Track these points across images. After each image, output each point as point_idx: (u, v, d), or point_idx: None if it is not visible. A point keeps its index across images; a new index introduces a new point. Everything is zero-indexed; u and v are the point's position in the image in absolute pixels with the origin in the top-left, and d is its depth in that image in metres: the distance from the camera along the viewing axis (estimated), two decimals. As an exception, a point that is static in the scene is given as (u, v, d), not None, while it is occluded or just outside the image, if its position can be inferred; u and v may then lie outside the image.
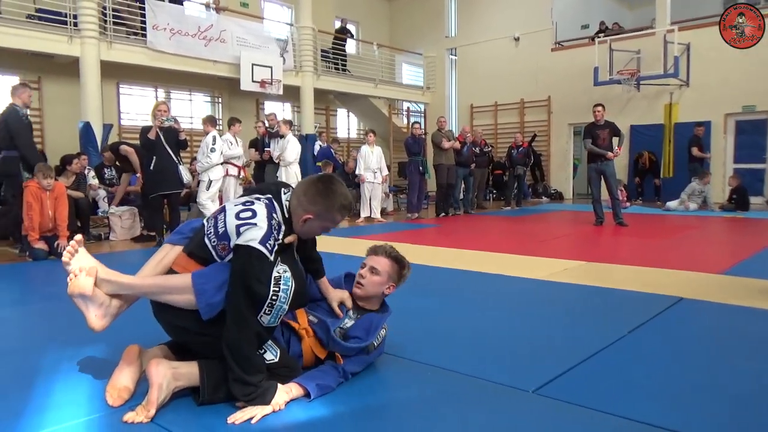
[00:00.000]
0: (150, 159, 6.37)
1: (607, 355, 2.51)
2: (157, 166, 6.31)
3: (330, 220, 2.12)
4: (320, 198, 2.05)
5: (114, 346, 2.68)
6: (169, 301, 2.00)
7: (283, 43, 12.25)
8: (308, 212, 2.05)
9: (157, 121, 6.32)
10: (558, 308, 3.44)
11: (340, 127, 16.44)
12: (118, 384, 2.03)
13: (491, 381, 2.19)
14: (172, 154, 6.43)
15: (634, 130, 13.21)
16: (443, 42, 16.55)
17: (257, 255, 1.88)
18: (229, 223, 1.98)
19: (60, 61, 10.11)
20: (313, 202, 2.05)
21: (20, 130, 5.61)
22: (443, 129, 10.06)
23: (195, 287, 1.94)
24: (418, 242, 6.43)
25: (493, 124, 15.42)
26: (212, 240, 2.02)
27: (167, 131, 6.40)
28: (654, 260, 5.04)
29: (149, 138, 6.27)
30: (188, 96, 13.07)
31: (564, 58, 14.22)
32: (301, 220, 2.06)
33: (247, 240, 1.89)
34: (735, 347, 2.66)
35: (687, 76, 12.31)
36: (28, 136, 5.82)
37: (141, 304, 2.24)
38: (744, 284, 4.01)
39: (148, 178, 6.44)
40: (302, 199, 2.06)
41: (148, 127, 6.39)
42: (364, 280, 2.33)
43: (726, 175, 12.00)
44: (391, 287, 2.35)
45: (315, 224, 2.10)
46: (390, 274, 2.34)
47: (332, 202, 2.07)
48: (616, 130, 8.01)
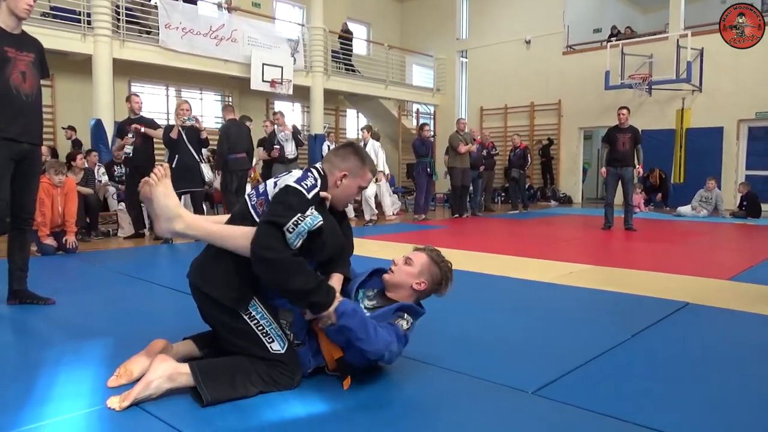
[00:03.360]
0: (173, 157, 6.56)
1: (609, 358, 2.50)
2: (180, 164, 6.49)
3: (362, 177, 2.23)
4: (352, 156, 2.21)
5: (117, 339, 2.71)
6: (231, 246, 2.06)
7: (293, 43, 12.29)
8: (342, 170, 2.18)
9: (179, 120, 6.51)
10: (562, 311, 3.42)
11: (349, 128, 16.48)
12: (127, 366, 2.12)
13: (491, 381, 2.19)
14: (193, 152, 6.62)
15: (645, 134, 12.99)
16: (454, 44, 16.54)
17: (293, 191, 2.01)
18: (269, 185, 2.16)
19: (73, 59, 10.21)
20: (345, 160, 2.20)
21: None
22: (462, 132, 10.01)
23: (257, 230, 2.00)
24: (424, 243, 6.41)
25: (503, 126, 15.39)
26: (252, 199, 2.17)
27: (189, 130, 6.57)
28: (661, 265, 5.01)
29: (171, 137, 6.46)
30: (199, 95, 13.15)
31: (575, 61, 14.17)
32: (337, 179, 2.18)
33: (286, 181, 2.05)
34: (738, 353, 2.63)
35: (700, 81, 12.23)
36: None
37: (142, 301, 2.25)
38: (751, 290, 3.97)
39: (171, 175, 6.54)
40: (335, 161, 2.21)
41: (171, 126, 6.57)
42: (395, 267, 2.28)
43: (738, 181, 11.89)
44: (423, 284, 2.23)
45: (350, 182, 2.20)
46: (423, 269, 2.26)
47: (362, 158, 2.23)
48: (638, 136, 7.85)
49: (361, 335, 1.94)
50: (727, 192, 11.67)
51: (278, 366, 2.04)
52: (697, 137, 12.46)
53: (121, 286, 4.05)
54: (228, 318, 2.06)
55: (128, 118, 6.83)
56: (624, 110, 7.91)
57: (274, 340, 2.05)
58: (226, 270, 2.07)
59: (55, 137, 10.83)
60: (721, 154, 12.21)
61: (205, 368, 2.00)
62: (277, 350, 2.04)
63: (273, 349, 2.04)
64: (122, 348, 2.57)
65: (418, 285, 2.24)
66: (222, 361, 2.07)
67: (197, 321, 2.35)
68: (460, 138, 9.79)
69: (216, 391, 1.94)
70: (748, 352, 2.65)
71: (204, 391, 1.92)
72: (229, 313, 2.05)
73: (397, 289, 2.25)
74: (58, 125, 10.90)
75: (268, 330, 2.05)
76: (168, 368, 1.97)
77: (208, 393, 1.92)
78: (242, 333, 2.05)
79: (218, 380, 1.96)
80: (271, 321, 2.07)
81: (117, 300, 3.65)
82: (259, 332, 2.04)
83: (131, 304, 3.54)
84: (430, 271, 2.27)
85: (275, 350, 2.04)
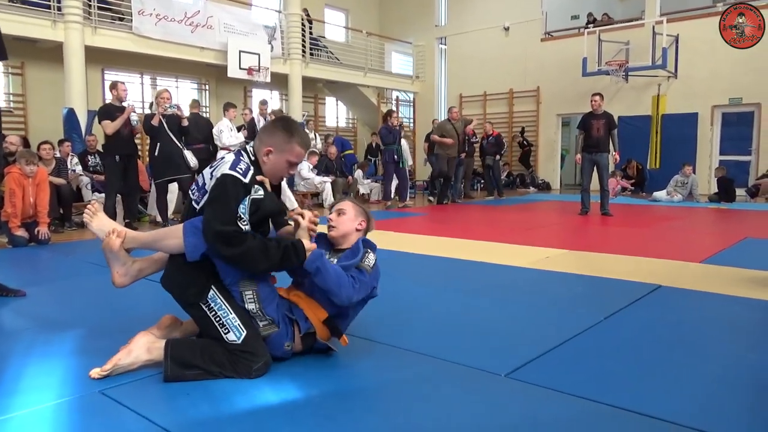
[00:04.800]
0: (155, 145, 6.56)
1: (582, 340, 2.53)
2: (162, 152, 6.51)
3: (290, 152, 2.22)
4: (278, 131, 2.22)
5: (89, 330, 2.67)
6: (163, 246, 2.18)
7: (271, 30, 12.14)
8: (268, 145, 2.20)
9: (160, 108, 6.52)
10: (537, 295, 3.45)
11: (328, 116, 16.37)
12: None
13: (465, 365, 2.20)
14: (175, 140, 6.62)
15: (621, 121, 13.19)
16: (433, 31, 16.49)
17: (231, 180, 2.04)
18: (205, 175, 2.17)
19: (44, 46, 9.97)
20: (271, 135, 2.22)
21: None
22: (455, 120, 9.78)
23: (184, 229, 2.08)
24: (403, 230, 6.43)
25: (482, 113, 15.40)
26: (194, 194, 2.19)
27: (170, 118, 6.58)
28: (636, 249, 5.08)
29: (153, 125, 6.46)
30: (175, 83, 12.94)
31: (553, 48, 14.22)
32: (263, 154, 2.20)
33: (221, 171, 2.07)
34: (708, 332, 2.69)
35: (675, 67, 12.36)
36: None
37: (115, 291, 2.23)
38: (722, 273, 4.05)
39: (155, 164, 6.66)
40: (262, 137, 2.24)
41: (152, 115, 6.57)
42: (333, 222, 2.40)
43: (712, 166, 12.09)
44: (362, 223, 2.42)
45: (277, 158, 2.21)
46: (357, 212, 2.44)
47: (290, 132, 2.22)
48: (612, 122, 7.91)
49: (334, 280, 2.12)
50: (701, 177, 11.85)
51: (236, 353, 2.06)
52: (672, 123, 12.61)
53: (94, 276, 3.99)
54: (191, 310, 2.16)
55: (111, 104, 6.67)
56: (596, 97, 7.96)
57: (230, 330, 2.07)
58: (181, 267, 2.13)
59: (27, 126, 10.60)
60: (696, 140, 12.38)
61: (177, 345, 2.09)
62: (233, 340, 2.07)
63: (229, 339, 2.07)
64: (93, 339, 2.55)
65: (360, 225, 2.42)
66: (194, 342, 2.17)
67: (169, 310, 2.34)
68: (444, 130, 9.63)
69: (178, 369, 2.02)
70: (717, 331, 2.71)
71: (167, 365, 2.02)
72: (191, 306, 2.14)
73: (346, 238, 2.40)
74: (30, 114, 10.67)
75: (224, 320, 2.08)
76: (147, 341, 2.11)
77: (169, 369, 2.01)
78: (203, 321, 2.13)
79: (184, 358, 2.04)
80: (228, 311, 2.08)
81: (89, 291, 3.60)
82: (215, 322, 2.08)
83: (103, 294, 3.47)
84: (361, 211, 2.46)
85: (231, 340, 2.07)
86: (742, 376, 2.16)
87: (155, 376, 2.05)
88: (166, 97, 6.67)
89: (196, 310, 2.12)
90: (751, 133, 11.99)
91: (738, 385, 2.07)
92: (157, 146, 6.52)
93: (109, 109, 6.54)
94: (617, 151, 8.02)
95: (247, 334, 2.07)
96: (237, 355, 2.05)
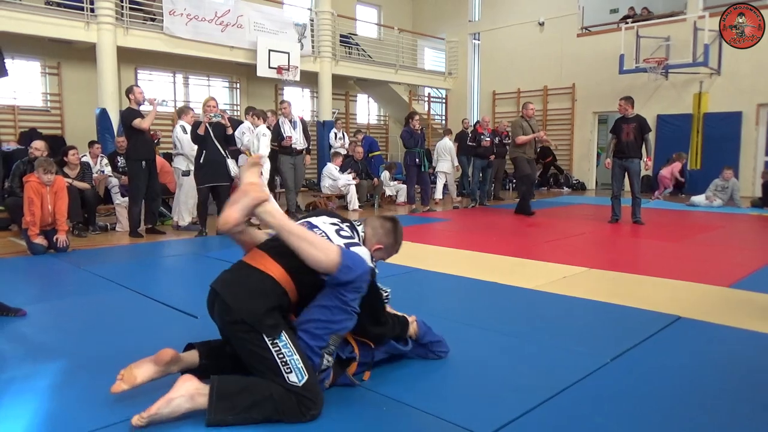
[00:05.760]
0: (200, 153, 6.63)
1: (581, 389, 2.37)
2: (207, 160, 6.58)
3: (390, 254, 2.55)
4: (392, 234, 2.51)
5: (75, 363, 2.62)
6: (305, 249, 2.09)
7: (301, 29, 12.11)
8: (380, 243, 2.48)
9: (206, 116, 6.56)
10: (541, 327, 3.27)
11: (360, 113, 16.30)
12: (132, 371, 2.09)
13: (447, 420, 2.07)
14: (220, 148, 6.67)
15: (661, 119, 12.78)
16: (466, 26, 16.20)
17: (372, 272, 2.23)
18: (330, 234, 2.27)
19: (79, 47, 10.18)
20: (386, 236, 2.50)
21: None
22: (529, 118, 8.92)
23: (343, 251, 2.14)
24: (418, 240, 6.26)
25: (516, 111, 15.05)
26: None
27: (215, 126, 6.62)
28: (662, 267, 4.83)
29: (199, 133, 6.51)
30: (206, 81, 13.08)
31: (590, 44, 13.78)
32: (373, 249, 2.45)
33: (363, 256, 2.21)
34: (725, 384, 2.47)
35: (718, 64, 11.82)
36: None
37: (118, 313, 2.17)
38: (752, 301, 3.79)
39: (199, 171, 6.72)
40: (378, 232, 2.49)
41: (199, 122, 6.61)
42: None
43: (757, 168, 11.54)
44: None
45: (379, 254, 2.50)
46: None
47: (398, 239, 2.54)
48: (644, 126, 7.55)
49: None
50: (744, 179, 11.34)
51: (297, 395, 2.01)
52: (714, 122, 12.08)
53: (101, 294, 3.98)
54: (254, 339, 2.04)
55: (130, 108, 6.68)
56: (622, 101, 7.64)
57: (293, 371, 2.03)
58: (266, 297, 2.07)
59: (63, 126, 10.86)
60: (739, 140, 11.83)
61: (223, 392, 1.98)
62: (294, 382, 2.02)
63: (290, 380, 2.02)
64: (76, 373, 2.52)
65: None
66: (241, 384, 2.03)
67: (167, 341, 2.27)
68: (523, 125, 8.78)
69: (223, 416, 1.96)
70: (734, 382, 2.49)
71: (211, 414, 1.95)
72: (257, 336, 2.03)
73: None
74: (66, 114, 10.94)
75: (288, 360, 2.03)
76: (191, 388, 1.98)
77: (213, 413, 1.95)
78: (261, 358, 2.03)
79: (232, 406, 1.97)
80: (293, 352, 2.04)
81: (90, 312, 3.57)
82: (279, 361, 2.02)
83: (104, 317, 3.47)
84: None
85: (292, 381, 2.02)
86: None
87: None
88: (213, 105, 6.69)
89: (257, 342, 2.02)
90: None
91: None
92: (202, 153, 6.59)
93: (131, 114, 6.56)
94: (650, 156, 7.68)
95: (308, 379, 2.04)
96: (297, 396, 2.01)
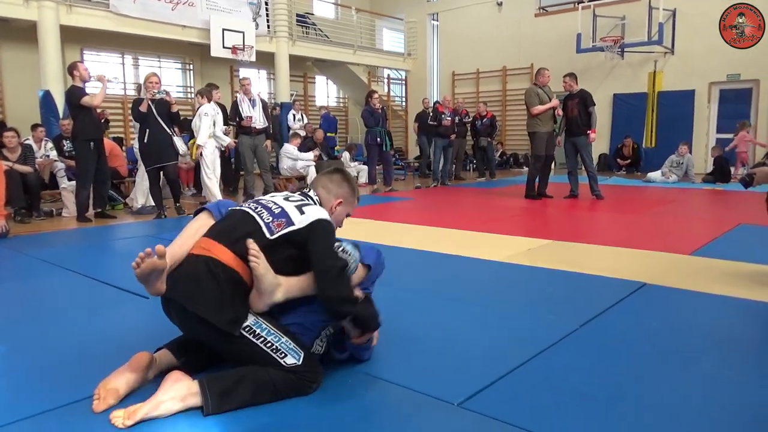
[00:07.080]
0: (143, 132, 6.32)
1: (552, 356, 2.31)
2: (151, 139, 6.30)
3: (352, 204, 2.32)
4: (345, 183, 2.28)
5: (16, 339, 2.43)
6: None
7: (255, 7, 11.75)
8: (338, 196, 2.25)
9: (149, 93, 6.25)
10: (510, 297, 3.23)
11: (318, 95, 16.02)
12: (109, 385, 1.90)
13: (418, 391, 1.97)
14: (164, 126, 6.39)
15: (617, 98, 12.96)
16: (425, 6, 16.06)
17: (332, 229, 2.06)
18: (285, 205, 2.08)
19: (18, 25, 9.62)
20: (340, 187, 2.26)
21: None
22: (544, 85, 7.84)
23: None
24: (381, 218, 6.18)
25: (475, 92, 15.07)
26: (264, 217, 2.04)
27: (159, 103, 6.34)
28: (624, 238, 4.85)
29: (141, 110, 6.21)
30: (157, 62, 12.59)
31: (547, 24, 13.84)
32: (333, 206, 2.24)
33: (318, 215, 2.04)
34: (691, 344, 2.45)
35: (672, 43, 12.02)
36: None
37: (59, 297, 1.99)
38: (712, 267, 3.82)
39: (144, 151, 6.43)
40: (330, 187, 2.25)
41: (140, 100, 6.30)
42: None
43: (709, 145, 11.83)
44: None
45: (342, 209, 2.28)
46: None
47: (353, 186, 2.31)
48: (587, 100, 7.57)
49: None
50: (698, 156, 11.60)
51: (297, 373, 1.93)
52: (668, 101, 12.31)
53: (42, 278, 3.75)
54: (227, 339, 1.91)
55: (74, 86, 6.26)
56: (566, 77, 7.75)
57: (287, 354, 1.93)
58: (220, 292, 1.90)
59: (3, 109, 10.29)
60: (692, 118, 12.10)
61: (218, 390, 1.85)
62: (293, 363, 1.93)
63: (287, 363, 1.92)
64: (13, 357, 2.32)
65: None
66: (235, 377, 1.90)
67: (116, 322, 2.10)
68: (538, 92, 7.78)
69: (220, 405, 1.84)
70: (702, 342, 2.47)
71: (208, 404, 1.82)
72: (227, 335, 1.89)
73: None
74: (6, 97, 10.36)
75: (278, 345, 1.92)
76: (182, 389, 1.84)
77: (212, 406, 1.82)
78: (249, 353, 1.92)
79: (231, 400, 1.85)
80: (279, 336, 1.93)
81: (28, 296, 3.36)
82: (268, 350, 1.91)
83: (46, 301, 3.27)
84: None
85: (290, 363, 1.92)
86: (731, 404, 1.93)
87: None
88: (155, 81, 6.36)
89: (233, 341, 1.89)
90: (748, 111, 11.69)
91: (724, 418, 1.85)
92: (146, 133, 6.29)
93: (77, 92, 6.13)
94: (593, 128, 7.69)
95: (305, 355, 1.96)
96: (298, 374, 1.93)
